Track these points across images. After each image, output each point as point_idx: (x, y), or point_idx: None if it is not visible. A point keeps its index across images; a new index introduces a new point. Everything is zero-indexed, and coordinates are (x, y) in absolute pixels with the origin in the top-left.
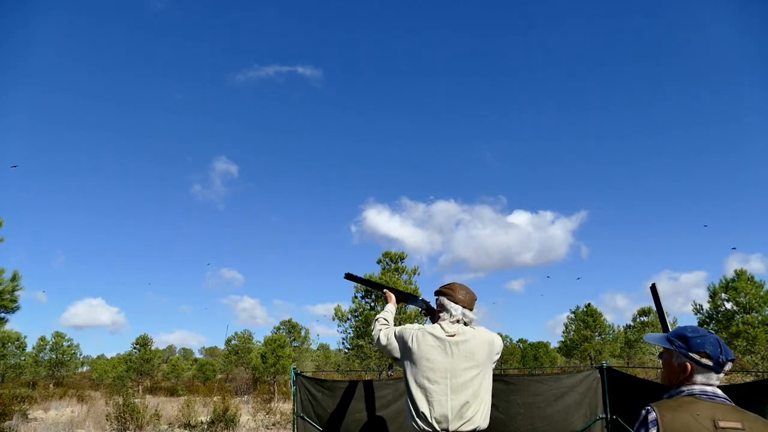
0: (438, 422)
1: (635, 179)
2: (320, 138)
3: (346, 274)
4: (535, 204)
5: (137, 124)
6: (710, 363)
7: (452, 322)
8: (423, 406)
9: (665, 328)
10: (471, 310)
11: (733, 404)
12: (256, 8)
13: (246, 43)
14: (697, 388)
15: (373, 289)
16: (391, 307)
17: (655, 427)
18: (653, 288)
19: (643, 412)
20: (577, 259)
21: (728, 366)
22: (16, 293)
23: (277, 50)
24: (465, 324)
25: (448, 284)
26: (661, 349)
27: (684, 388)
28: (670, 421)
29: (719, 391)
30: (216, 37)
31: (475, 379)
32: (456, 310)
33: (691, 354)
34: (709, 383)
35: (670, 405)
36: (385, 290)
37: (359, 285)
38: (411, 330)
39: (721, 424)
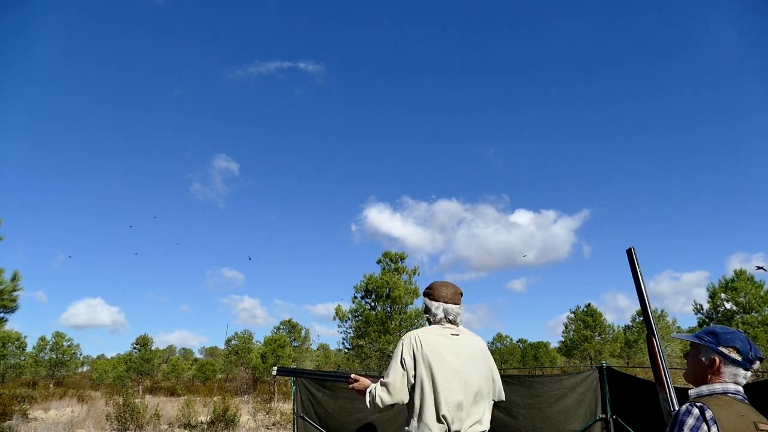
0: (452, 422)
1: (638, 178)
2: (321, 135)
3: (278, 369)
4: (538, 203)
5: (136, 121)
6: (739, 358)
7: (443, 321)
8: (442, 408)
9: (642, 299)
10: (456, 304)
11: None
12: (257, 2)
13: (246, 39)
14: (731, 387)
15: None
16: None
17: (715, 425)
18: (630, 252)
19: (695, 409)
20: (579, 258)
21: (757, 364)
22: (16, 293)
23: (277, 46)
24: (451, 321)
25: (429, 285)
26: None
27: (718, 386)
28: (726, 420)
29: (743, 392)
30: (216, 32)
31: (481, 380)
32: (437, 308)
33: (720, 348)
34: (737, 381)
35: (718, 403)
36: (352, 380)
37: (359, 285)
38: (409, 340)
39: (761, 426)
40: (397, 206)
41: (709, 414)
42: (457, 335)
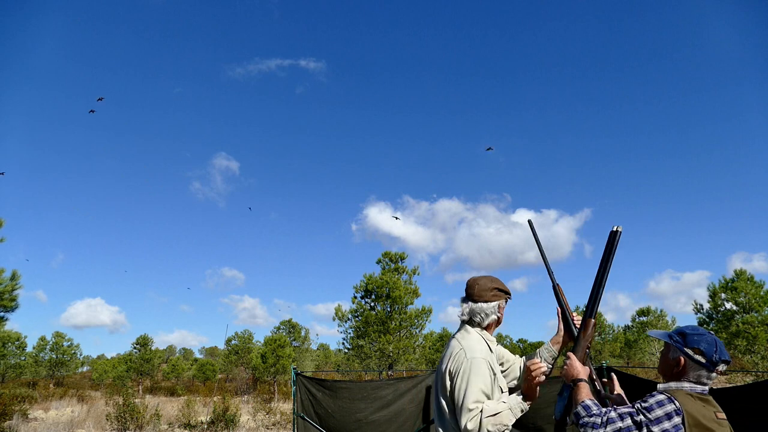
0: None
1: (639, 177)
2: (322, 134)
3: None
4: (539, 202)
5: (135, 119)
6: (703, 360)
7: (461, 321)
8: None
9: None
10: (485, 301)
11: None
12: (257, 0)
13: (247, 36)
14: (698, 387)
15: None
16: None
17: (680, 416)
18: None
19: (662, 396)
20: (580, 258)
21: (722, 367)
22: (15, 293)
23: (278, 43)
24: (474, 320)
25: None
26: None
27: (686, 385)
28: (691, 410)
29: (707, 391)
30: (215, 29)
31: (438, 384)
32: (464, 308)
33: (686, 349)
34: (700, 382)
35: (685, 396)
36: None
37: (359, 285)
38: None
39: (719, 415)
40: (398, 205)
41: (674, 405)
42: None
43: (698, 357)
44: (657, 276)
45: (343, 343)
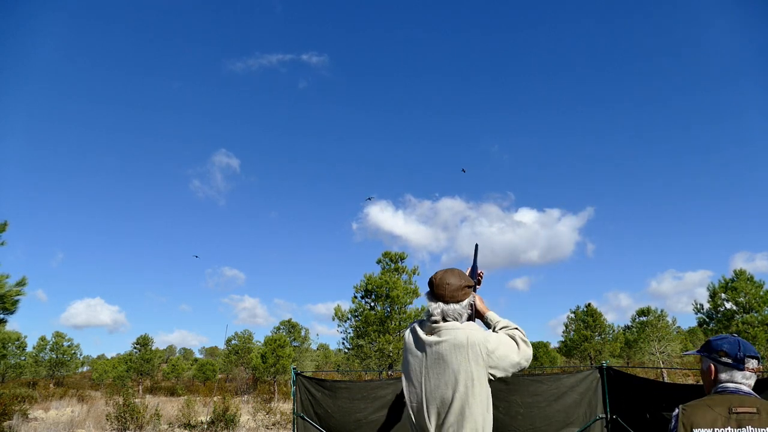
0: (417, 429)
1: (642, 177)
2: (324, 132)
3: None
4: (542, 201)
5: (134, 116)
6: (729, 360)
7: (432, 322)
8: (410, 411)
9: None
10: (457, 301)
11: (758, 397)
12: None
13: (247, 30)
14: (720, 386)
15: None
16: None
17: (676, 420)
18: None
19: (675, 413)
20: (582, 256)
21: (752, 363)
22: (19, 297)
23: (279, 37)
24: (447, 320)
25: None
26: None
27: (719, 387)
28: (690, 415)
29: (744, 387)
30: (215, 23)
31: (447, 386)
32: (435, 308)
33: (712, 355)
34: (733, 381)
35: (697, 403)
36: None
37: (359, 285)
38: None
39: (736, 409)
40: (400, 204)
41: (675, 413)
42: (432, 334)
43: (724, 359)
44: (659, 276)
45: (343, 343)
